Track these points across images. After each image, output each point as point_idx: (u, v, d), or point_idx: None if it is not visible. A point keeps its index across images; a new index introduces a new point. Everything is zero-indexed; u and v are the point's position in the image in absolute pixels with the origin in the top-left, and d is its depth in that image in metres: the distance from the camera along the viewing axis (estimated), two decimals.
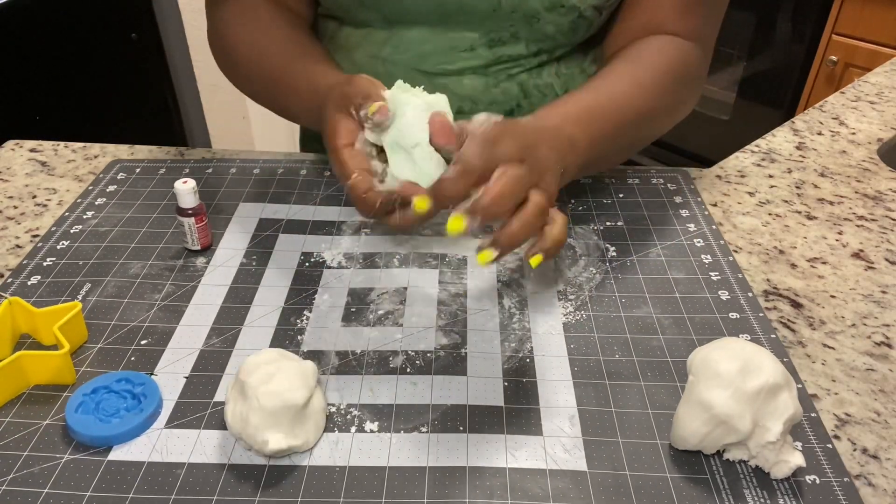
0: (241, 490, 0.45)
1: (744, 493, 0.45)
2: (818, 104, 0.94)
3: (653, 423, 0.49)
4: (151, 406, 0.49)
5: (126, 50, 1.83)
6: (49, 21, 1.59)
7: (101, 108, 1.79)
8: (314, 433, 0.47)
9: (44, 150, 0.81)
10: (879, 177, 0.78)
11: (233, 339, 0.56)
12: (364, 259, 0.64)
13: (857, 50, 1.73)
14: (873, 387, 0.53)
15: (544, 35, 0.70)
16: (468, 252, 0.65)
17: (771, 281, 0.63)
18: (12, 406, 0.50)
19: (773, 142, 0.85)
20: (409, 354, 0.54)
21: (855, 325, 0.58)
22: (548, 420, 0.49)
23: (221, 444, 0.47)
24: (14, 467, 0.46)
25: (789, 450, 0.45)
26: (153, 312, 0.58)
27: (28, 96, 1.60)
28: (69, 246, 0.65)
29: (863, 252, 0.67)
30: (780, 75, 1.91)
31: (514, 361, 0.54)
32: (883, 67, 1.06)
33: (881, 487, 0.46)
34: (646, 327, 0.57)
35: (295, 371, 0.46)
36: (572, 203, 0.72)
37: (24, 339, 0.55)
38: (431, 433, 0.48)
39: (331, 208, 0.71)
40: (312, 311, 0.58)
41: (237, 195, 0.72)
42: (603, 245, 0.66)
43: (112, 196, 0.72)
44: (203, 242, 0.64)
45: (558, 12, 0.67)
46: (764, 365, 0.45)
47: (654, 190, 0.74)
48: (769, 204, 0.73)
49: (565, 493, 0.44)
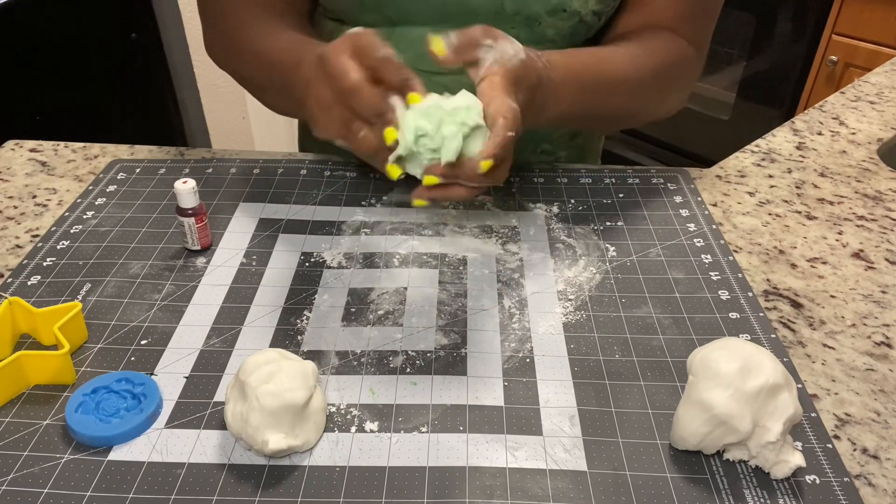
0: (241, 490, 0.45)
1: (744, 493, 0.45)
2: (818, 104, 0.94)
3: (653, 423, 0.49)
4: (151, 406, 0.49)
5: (126, 50, 1.82)
6: (49, 21, 1.59)
7: (101, 108, 1.79)
8: (314, 433, 0.47)
9: (44, 150, 0.81)
10: (879, 177, 0.78)
11: (233, 339, 0.56)
12: (364, 259, 0.64)
13: (857, 50, 1.73)
14: (873, 387, 0.53)
15: (544, 38, 0.70)
16: (468, 252, 0.65)
17: (771, 281, 0.63)
18: (12, 406, 0.50)
19: (773, 142, 0.85)
20: (409, 354, 0.54)
21: (855, 325, 0.58)
22: (548, 420, 0.49)
23: (221, 444, 0.47)
24: (14, 467, 0.46)
25: (789, 450, 0.45)
26: (153, 312, 0.58)
27: (28, 96, 1.59)
28: (69, 246, 0.65)
29: (863, 252, 0.67)
30: (780, 75, 1.91)
31: (514, 361, 0.54)
32: (883, 67, 1.06)
33: (881, 487, 0.46)
34: (646, 327, 0.57)
35: (295, 371, 0.46)
36: (572, 203, 0.72)
37: (24, 339, 0.55)
38: (431, 433, 0.48)
39: (331, 208, 0.71)
40: (312, 311, 0.58)
41: (237, 195, 0.72)
42: (603, 245, 0.66)
43: (112, 196, 0.72)
44: (203, 242, 0.64)
45: (559, 17, 0.68)
46: (764, 365, 0.45)
47: (654, 190, 0.74)
48: (769, 204, 0.73)
49: (565, 493, 0.44)
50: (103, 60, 1.76)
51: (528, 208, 0.71)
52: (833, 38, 1.77)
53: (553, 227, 0.68)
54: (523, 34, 0.69)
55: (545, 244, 0.66)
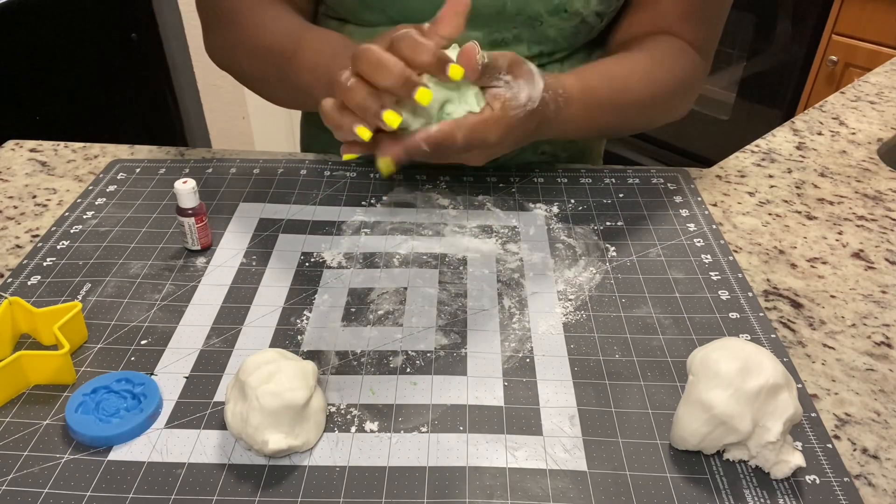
0: (241, 490, 0.45)
1: (744, 493, 0.45)
2: (818, 104, 0.94)
3: (653, 423, 0.49)
4: (151, 406, 0.49)
5: (126, 50, 1.83)
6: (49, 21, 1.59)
7: (101, 108, 1.79)
8: (314, 433, 0.47)
9: (44, 150, 0.81)
10: (879, 177, 0.78)
11: (233, 339, 0.56)
12: (364, 259, 0.64)
13: (857, 50, 1.73)
14: (873, 387, 0.53)
15: (546, 38, 0.70)
16: (468, 252, 0.65)
17: (771, 281, 0.63)
18: (12, 406, 0.50)
19: (773, 142, 0.85)
20: (409, 354, 0.54)
21: (855, 325, 0.58)
22: (548, 420, 0.49)
23: (221, 444, 0.47)
24: (14, 467, 0.46)
25: (789, 450, 0.45)
26: (153, 312, 0.58)
27: (28, 96, 1.59)
28: (69, 246, 0.65)
29: (863, 252, 0.67)
30: (780, 75, 1.91)
31: (514, 361, 0.54)
32: (883, 67, 1.06)
33: (881, 487, 0.46)
34: (646, 327, 0.57)
35: (295, 371, 0.46)
36: (572, 203, 0.72)
37: (24, 339, 0.55)
38: (431, 433, 0.48)
39: (331, 208, 0.71)
40: (312, 311, 0.58)
41: (237, 195, 0.72)
42: (603, 245, 0.66)
43: (112, 196, 0.72)
44: (203, 242, 0.64)
45: (561, 17, 0.68)
46: (764, 365, 0.45)
47: (654, 190, 0.74)
48: (769, 204, 0.73)
49: (565, 493, 0.44)
50: (103, 60, 1.76)
51: (528, 208, 0.71)
52: (833, 38, 1.77)
53: (553, 227, 0.68)
54: (526, 34, 0.69)
55: (545, 244, 0.66)
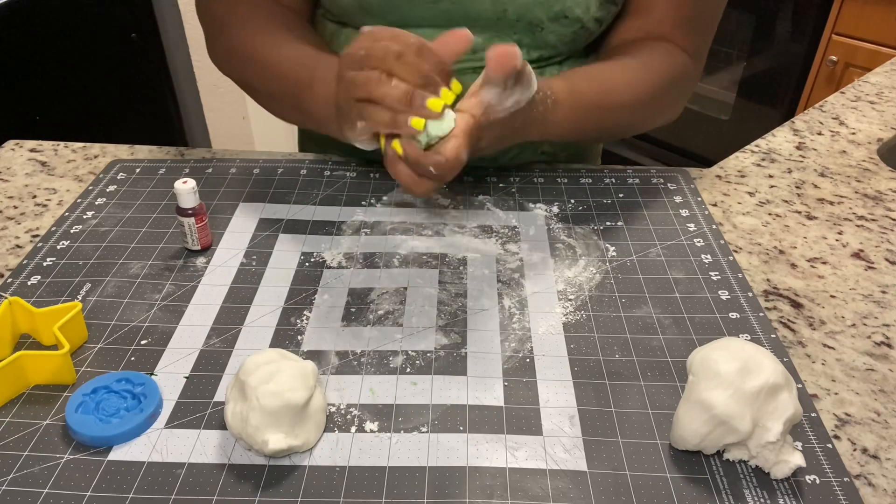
0: (241, 490, 0.45)
1: (744, 493, 0.45)
2: (818, 104, 0.94)
3: (653, 423, 0.49)
4: (151, 406, 0.49)
5: (126, 50, 1.82)
6: (49, 21, 1.59)
7: (101, 108, 1.79)
8: (314, 433, 0.47)
9: (44, 150, 0.81)
10: (879, 177, 0.78)
11: (233, 339, 0.56)
12: (364, 259, 0.64)
13: (857, 50, 1.73)
14: (873, 387, 0.53)
15: (546, 43, 0.71)
16: (468, 252, 0.65)
17: (771, 281, 0.63)
18: (12, 406, 0.50)
19: (773, 142, 0.85)
20: (409, 354, 0.54)
21: (855, 325, 0.58)
22: (548, 420, 0.49)
23: (221, 444, 0.47)
24: (14, 467, 0.46)
25: (789, 450, 0.45)
26: (153, 312, 0.58)
27: (28, 96, 1.59)
28: (69, 246, 0.65)
29: (863, 252, 0.67)
30: (780, 75, 1.91)
31: (514, 361, 0.54)
32: (883, 67, 1.06)
33: (881, 487, 0.46)
34: (646, 327, 0.57)
35: (295, 371, 0.46)
36: (572, 203, 0.72)
37: (24, 339, 0.55)
38: (431, 433, 0.48)
39: (331, 208, 0.71)
40: (312, 311, 0.58)
41: (237, 195, 0.72)
42: (603, 245, 0.66)
43: (112, 196, 0.72)
44: (203, 242, 0.64)
45: (561, 23, 0.68)
46: (764, 365, 0.45)
47: (654, 190, 0.74)
48: (769, 204, 0.73)
49: (565, 493, 0.44)
50: (103, 60, 1.76)
51: (528, 208, 0.71)
52: (833, 38, 1.77)
53: (553, 227, 0.68)
54: (526, 39, 0.70)
55: (545, 244, 0.66)
